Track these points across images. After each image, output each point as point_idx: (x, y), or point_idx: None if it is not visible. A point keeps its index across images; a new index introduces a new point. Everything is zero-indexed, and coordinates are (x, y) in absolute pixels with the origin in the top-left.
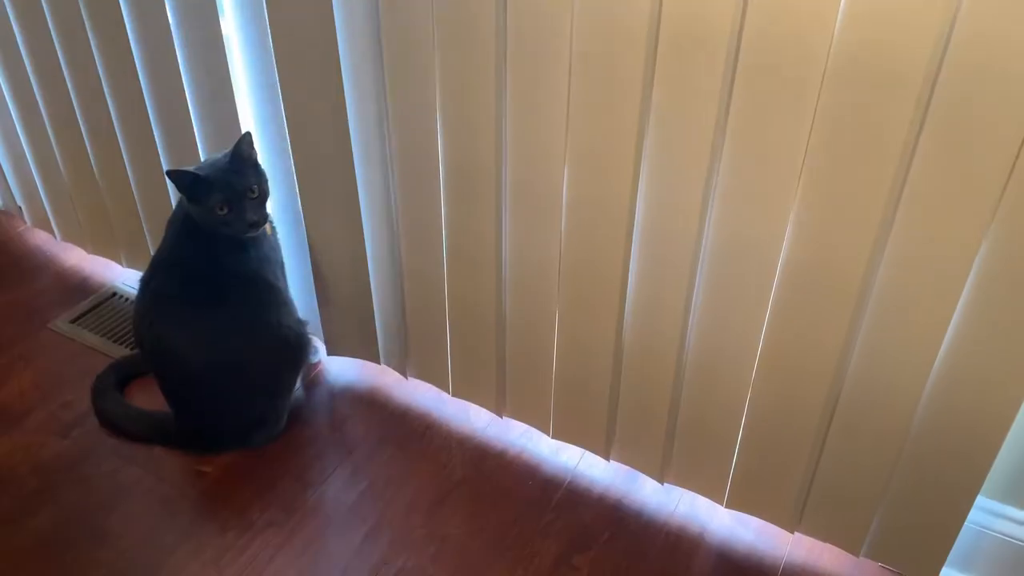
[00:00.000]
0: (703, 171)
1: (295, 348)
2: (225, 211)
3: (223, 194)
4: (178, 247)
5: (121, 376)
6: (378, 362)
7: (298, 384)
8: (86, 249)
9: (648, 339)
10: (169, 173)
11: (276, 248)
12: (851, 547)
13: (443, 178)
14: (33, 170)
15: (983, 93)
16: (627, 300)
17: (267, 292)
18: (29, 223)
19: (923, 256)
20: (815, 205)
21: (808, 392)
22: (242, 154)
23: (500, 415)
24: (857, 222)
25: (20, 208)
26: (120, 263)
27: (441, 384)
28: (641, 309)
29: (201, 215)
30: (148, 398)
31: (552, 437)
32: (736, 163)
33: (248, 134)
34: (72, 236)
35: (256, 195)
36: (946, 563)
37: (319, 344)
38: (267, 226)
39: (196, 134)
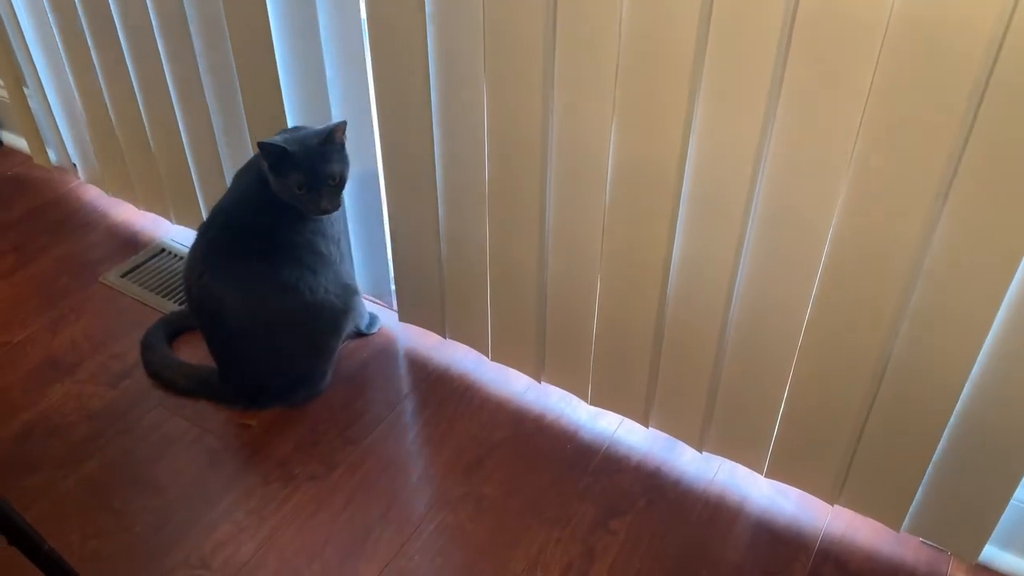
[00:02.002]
0: (755, 137)
1: (338, 313)
2: (303, 191)
3: (306, 176)
4: (241, 203)
5: (171, 330)
6: (423, 326)
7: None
8: (136, 205)
9: (692, 305)
10: (261, 144)
11: (335, 222)
12: (892, 522)
13: (487, 141)
14: (86, 127)
15: None
16: (672, 266)
17: (314, 259)
18: (83, 178)
19: (978, 230)
20: (869, 175)
21: (855, 364)
22: (334, 141)
23: (539, 380)
24: (911, 194)
25: (74, 164)
26: (170, 219)
27: (481, 348)
28: (686, 275)
29: (277, 184)
30: (195, 352)
31: (590, 403)
32: (788, 131)
33: (344, 123)
34: (122, 192)
35: (336, 183)
36: (989, 541)
37: (379, 313)
38: None
39: (239, 94)
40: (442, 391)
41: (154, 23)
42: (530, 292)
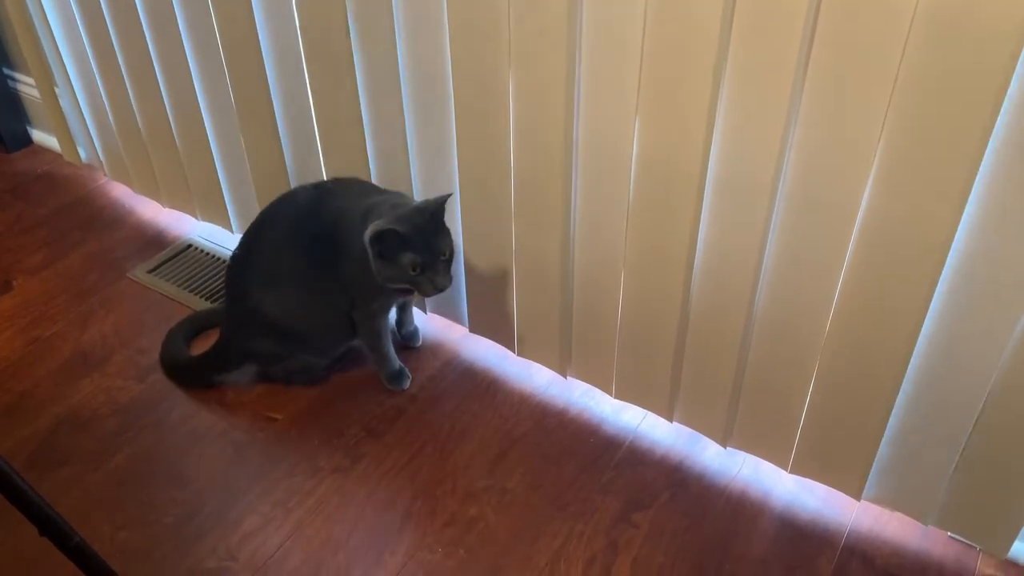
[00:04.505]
0: (780, 125)
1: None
2: (417, 272)
3: (420, 255)
4: (313, 217)
5: (195, 328)
6: (448, 318)
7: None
8: (160, 203)
9: (716, 299)
10: (377, 235)
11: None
12: (920, 516)
13: (512, 130)
14: (113, 125)
15: None
16: (696, 258)
17: (350, 298)
18: (109, 176)
19: (1010, 215)
20: (898, 161)
21: (882, 357)
22: (441, 215)
23: (565, 376)
24: (942, 179)
25: (101, 162)
26: (195, 216)
27: (506, 343)
28: (710, 268)
29: (384, 269)
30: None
31: (614, 397)
32: (814, 118)
33: (450, 196)
34: (147, 190)
35: (447, 258)
36: (1018, 536)
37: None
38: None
39: (273, 96)
40: (466, 385)
41: (180, 22)
42: (555, 286)
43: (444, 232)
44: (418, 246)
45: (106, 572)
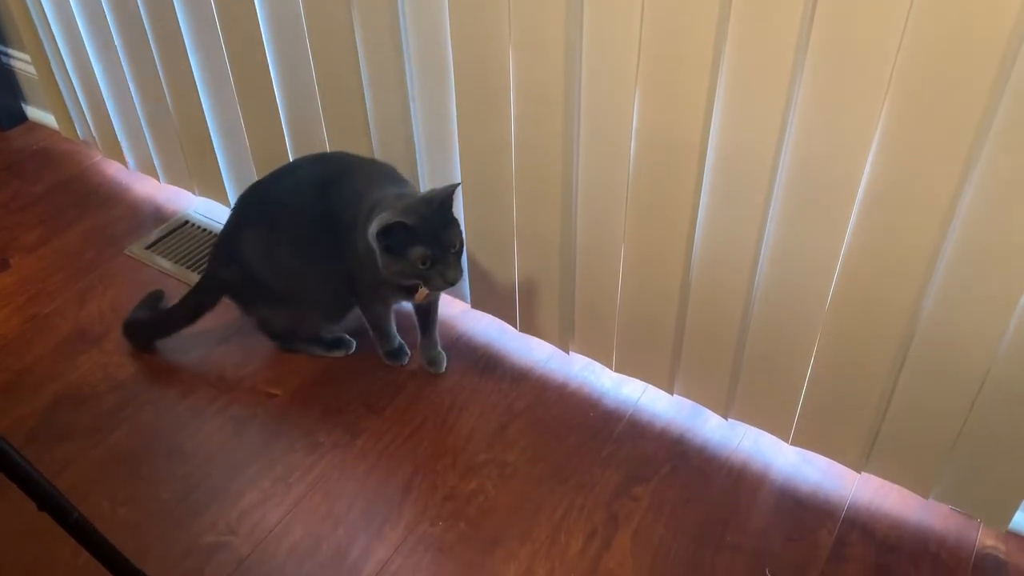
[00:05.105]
0: (782, 95)
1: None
2: (427, 265)
3: (429, 248)
4: (322, 195)
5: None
6: (449, 294)
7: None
8: (158, 179)
9: (717, 271)
10: (383, 230)
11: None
12: (920, 489)
13: (514, 103)
14: (108, 101)
15: None
16: (696, 231)
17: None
18: (103, 154)
19: (1012, 185)
20: (900, 132)
21: (883, 328)
22: (449, 205)
23: (566, 351)
24: (945, 150)
25: (96, 138)
26: (193, 192)
27: (508, 318)
28: (711, 241)
29: (392, 264)
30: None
31: (615, 371)
32: (815, 92)
33: (458, 186)
34: (145, 167)
35: (457, 250)
36: (1019, 508)
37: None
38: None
39: (272, 71)
40: (466, 359)
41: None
42: (556, 260)
43: (453, 223)
44: (427, 239)
45: (106, 547)
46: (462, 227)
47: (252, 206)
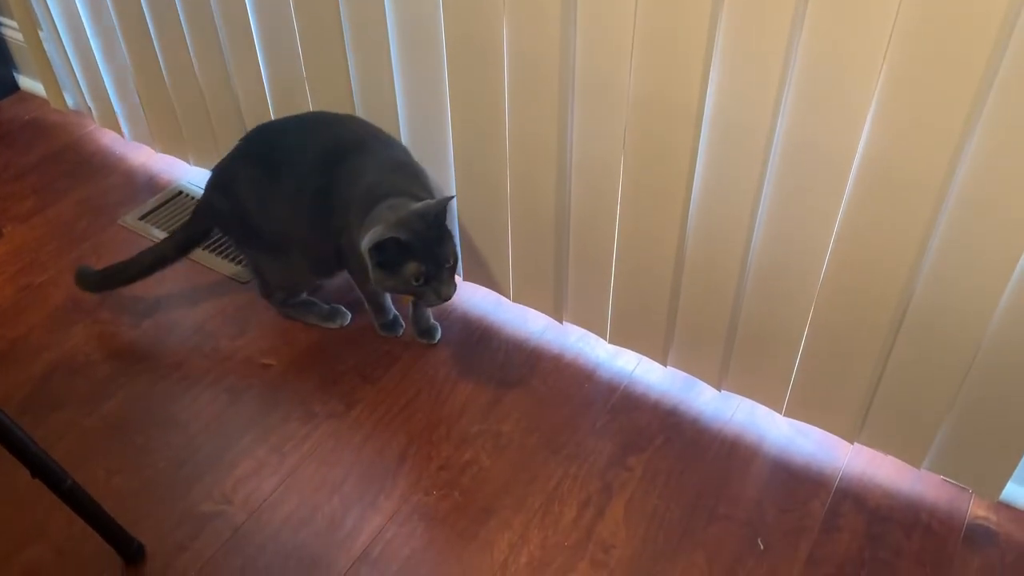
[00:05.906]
0: (778, 65)
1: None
2: (420, 282)
3: (423, 265)
4: (326, 170)
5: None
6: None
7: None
8: (154, 148)
9: (712, 242)
10: (376, 247)
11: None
12: (913, 459)
13: (507, 67)
14: (102, 70)
15: None
16: (692, 202)
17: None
18: (98, 122)
19: (1007, 159)
20: (895, 104)
21: (877, 300)
22: (443, 219)
23: (560, 321)
24: (939, 124)
25: (90, 108)
26: (188, 162)
27: (501, 289)
28: (706, 211)
29: (384, 279)
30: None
31: (609, 342)
32: (812, 60)
33: (452, 199)
34: (140, 136)
35: (451, 264)
36: (1010, 478)
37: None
38: None
39: (256, 38)
40: (460, 331)
41: None
42: (550, 230)
43: (447, 238)
44: (421, 254)
45: (100, 515)
46: (448, 182)
47: (257, 147)
